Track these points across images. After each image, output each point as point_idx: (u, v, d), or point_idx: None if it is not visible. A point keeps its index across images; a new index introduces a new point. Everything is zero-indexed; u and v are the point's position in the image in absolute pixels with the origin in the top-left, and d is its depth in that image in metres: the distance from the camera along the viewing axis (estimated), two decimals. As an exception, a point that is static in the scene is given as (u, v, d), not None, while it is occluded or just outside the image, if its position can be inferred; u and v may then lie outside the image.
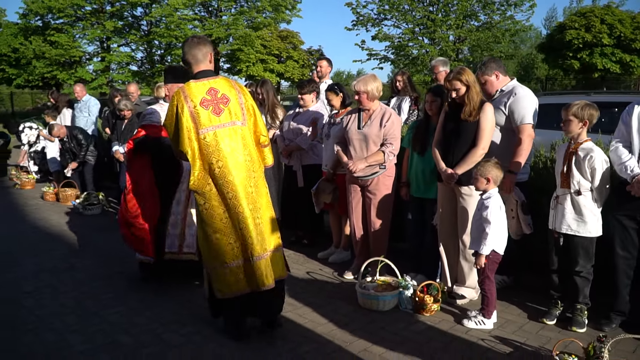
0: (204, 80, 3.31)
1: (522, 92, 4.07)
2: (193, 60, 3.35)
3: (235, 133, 3.28)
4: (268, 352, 3.22)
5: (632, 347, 3.25)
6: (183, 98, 3.21)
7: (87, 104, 8.82)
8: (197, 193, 3.27)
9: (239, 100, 3.34)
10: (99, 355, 3.15)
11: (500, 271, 4.34)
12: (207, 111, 3.22)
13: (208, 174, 3.23)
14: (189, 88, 3.26)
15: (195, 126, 3.20)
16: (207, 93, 3.25)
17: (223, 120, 3.25)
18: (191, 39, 3.41)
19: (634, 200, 3.36)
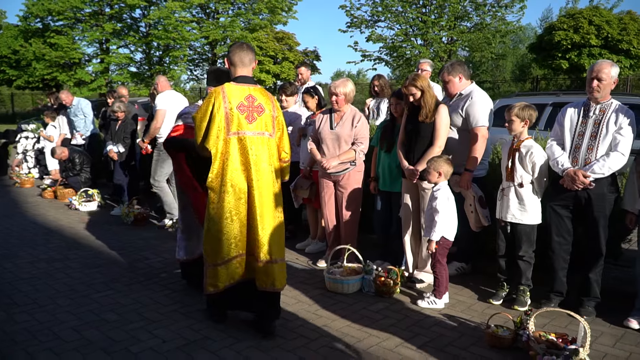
0: (244, 85, 3.42)
1: (478, 96, 4.44)
2: (240, 63, 3.44)
3: (262, 143, 3.40)
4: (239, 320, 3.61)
5: (565, 321, 3.64)
6: (222, 97, 3.29)
7: (78, 107, 9.05)
8: (211, 190, 3.37)
9: (273, 113, 3.48)
10: (88, 330, 3.53)
11: (459, 259, 4.76)
12: (242, 115, 3.32)
13: (227, 175, 3.31)
14: (229, 90, 3.34)
15: (227, 127, 3.29)
16: (245, 98, 3.36)
17: (254, 128, 3.37)
18: (241, 43, 3.54)
19: (566, 192, 3.75)
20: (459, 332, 3.55)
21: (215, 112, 3.28)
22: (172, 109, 6.37)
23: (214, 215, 3.36)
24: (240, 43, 3.53)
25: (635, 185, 3.66)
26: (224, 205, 3.33)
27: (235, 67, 3.48)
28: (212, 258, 3.41)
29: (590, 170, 3.63)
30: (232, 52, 3.47)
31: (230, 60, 3.48)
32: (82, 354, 3.19)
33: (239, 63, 3.46)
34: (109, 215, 7.20)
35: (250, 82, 3.46)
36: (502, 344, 3.26)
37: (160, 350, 3.25)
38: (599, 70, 3.67)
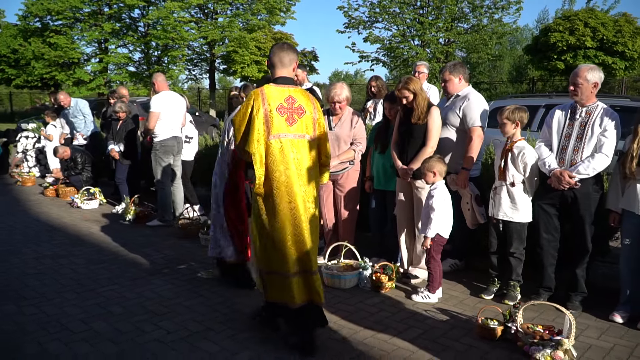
0: (284, 86, 3.28)
1: (474, 98, 4.61)
2: (279, 63, 3.31)
3: (303, 146, 3.26)
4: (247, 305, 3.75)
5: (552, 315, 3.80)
6: (260, 99, 3.17)
7: (77, 108, 9.16)
8: (259, 197, 3.24)
9: (314, 115, 3.32)
10: (95, 322, 3.68)
11: (453, 256, 4.91)
12: (281, 118, 3.19)
13: (273, 180, 3.19)
14: (268, 91, 3.22)
15: (267, 130, 3.16)
16: (285, 100, 3.23)
17: (294, 131, 3.23)
18: (282, 44, 3.39)
19: (553, 191, 3.91)
20: (451, 324, 3.71)
21: (254, 115, 3.16)
22: (167, 111, 6.49)
23: (263, 222, 3.25)
24: (281, 43, 3.40)
25: (619, 185, 3.82)
26: (274, 212, 3.20)
27: (274, 68, 3.34)
28: (264, 265, 3.32)
29: (575, 171, 3.79)
30: (272, 52, 3.34)
31: (270, 60, 3.35)
32: (90, 344, 3.34)
33: (279, 63, 3.32)
34: (110, 213, 7.34)
35: (290, 83, 3.33)
36: (492, 336, 3.42)
37: (165, 340, 3.40)
38: (575, 75, 3.87)
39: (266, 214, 3.24)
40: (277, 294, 3.31)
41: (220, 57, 28.14)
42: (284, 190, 3.18)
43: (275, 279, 3.29)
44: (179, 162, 6.83)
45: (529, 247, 4.16)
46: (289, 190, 3.19)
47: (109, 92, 8.91)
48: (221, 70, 29.71)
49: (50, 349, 3.27)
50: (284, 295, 3.26)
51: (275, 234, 3.22)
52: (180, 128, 6.75)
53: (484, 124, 4.57)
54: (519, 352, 3.24)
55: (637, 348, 3.37)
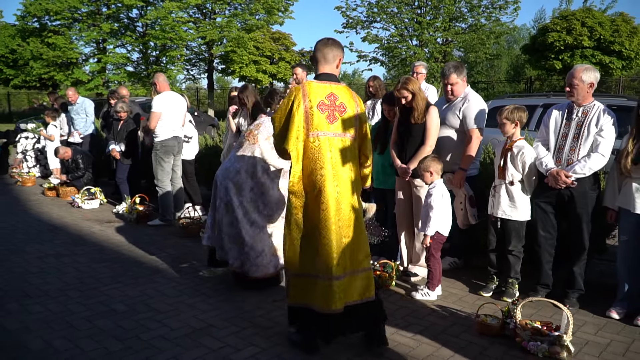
0: (326, 83, 3.18)
1: (474, 99, 4.66)
2: (322, 59, 3.21)
3: (343, 145, 3.15)
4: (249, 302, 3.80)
5: (550, 312, 3.86)
6: (302, 96, 3.07)
7: (82, 106, 9.25)
8: (293, 195, 3.15)
9: (356, 113, 3.21)
10: (99, 320, 3.72)
11: (452, 254, 4.97)
12: (322, 115, 3.09)
13: (309, 179, 3.10)
14: (310, 87, 3.12)
15: (307, 127, 3.07)
16: (326, 97, 3.12)
17: (334, 129, 3.12)
18: (326, 39, 3.27)
19: (550, 189, 3.97)
20: (450, 321, 3.76)
21: (294, 111, 3.05)
22: (168, 111, 6.53)
23: (296, 221, 3.15)
24: (325, 39, 3.27)
25: (616, 183, 3.88)
26: (307, 210, 3.12)
27: (317, 64, 3.24)
28: (293, 267, 3.21)
29: (572, 170, 3.85)
30: (315, 48, 3.24)
31: (313, 56, 3.26)
32: (95, 341, 3.38)
33: (322, 59, 3.22)
34: (111, 213, 7.38)
35: (333, 80, 3.21)
36: (491, 332, 3.47)
37: (169, 337, 3.45)
38: (570, 76, 3.93)
39: (300, 213, 3.15)
40: (301, 296, 3.19)
41: (218, 57, 28.20)
42: (318, 190, 3.08)
43: (302, 282, 3.18)
44: (179, 162, 6.88)
45: (527, 245, 4.22)
46: (322, 191, 3.07)
47: (109, 93, 8.95)
48: (219, 70, 29.79)
49: (55, 346, 3.31)
50: (308, 298, 3.15)
51: (307, 235, 3.13)
52: (180, 128, 6.80)
53: (483, 125, 4.62)
54: (517, 348, 3.30)
55: (633, 344, 3.43)
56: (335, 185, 3.09)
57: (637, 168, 3.65)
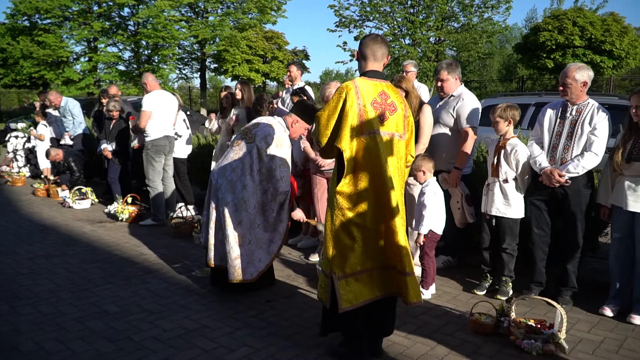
0: (377, 80, 3.08)
1: (468, 98, 4.66)
2: (372, 56, 3.10)
3: (393, 144, 3.07)
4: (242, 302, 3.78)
5: (544, 310, 3.86)
6: (354, 93, 2.96)
7: (67, 108, 9.05)
8: (342, 196, 2.99)
9: (405, 112, 3.14)
10: (91, 321, 3.68)
11: (446, 252, 4.97)
12: (375, 113, 2.99)
13: (362, 179, 2.99)
14: (362, 85, 3.01)
15: (360, 125, 2.96)
16: (379, 95, 3.03)
17: (385, 128, 3.02)
18: (375, 36, 3.18)
19: (544, 187, 3.98)
20: (444, 320, 3.76)
21: (347, 109, 2.93)
22: (158, 110, 6.48)
23: (344, 222, 3.00)
24: (374, 35, 3.19)
25: (609, 181, 3.88)
26: (357, 210, 3.00)
27: (366, 61, 3.12)
28: (343, 269, 3.02)
29: (565, 169, 3.86)
30: (364, 44, 3.12)
31: (361, 52, 3.13)
32: (87, 342, 3.34)
33: (371, 56, 3.10)
34: (102, 213, 7.33)
35: (382, 78, 3.12)
36: (485, 330, 3.47)
37: (162, 338, 3.42)
38: (564, 75, 3.93)
39: (351, 213, 2.99)
40: (357, 295, 3.01)
41: (211, 56, 28.12)
42: (371, 191, 2.97)
43: (353, 281, 3.02)
44: (170, 162, 6.83)
45: (520, 243, 4.22)
46: (376, 191, 2.97)
47: (100, 92, 8.87)
48: (212, 69, 29.69)
49: (46, 348, 3.27)
50: (365, 294, 3.03)
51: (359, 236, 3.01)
52: (172, 127, 6.75)
53: (477, 124, 4.63)
54: (511, 346, 3.29)
55: (626, 341, 3.44)
56: (388, 185, 2.99)
57: (629, 166, 3.66)
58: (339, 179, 3.00)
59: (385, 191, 2.98)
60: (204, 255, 4.51)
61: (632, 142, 3.70)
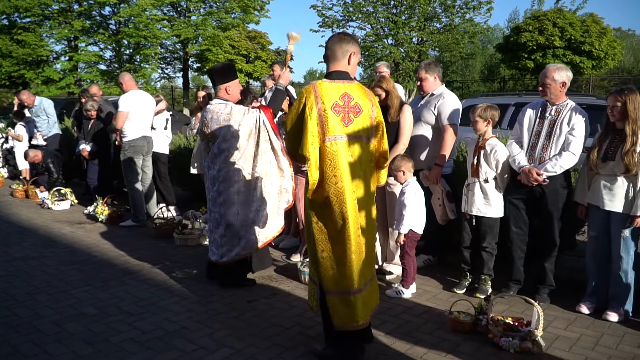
0: (339, 82, 2.97)
1: (449, 97, 4.71)
2: (332, 56, 3.01)
3: (360, 148, 2.98)
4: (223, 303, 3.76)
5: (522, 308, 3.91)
6: (314, 98, 2.86)
7: (41, 107, 8.91)
8: (312, 204, 2.96)
9: (371, 113, 3.01)
10: (68, 324, 3.63)
11: (426, 251, 5.00)
12: (337, 117, 2.88)
13: (327, 186, 2.89)
14: (322, 88, 2.90)
15: (322, 131, 2.86)
16: (340, 98, 2.91)
17: (349, 131, 2.93)
18: (336, 35, 3.08)
19: (522, 186, 4.03)
20: (424, 318, 3.78)
21: (307, 115, 2.84)
22: (136, 110, 6.42)
23: (318, 232, 2.97)
24: (335, 35, 3.08)
25: (586, 180, 3.94)
26: (326, 220, 2.94)
27: (328, 62, 3.04)
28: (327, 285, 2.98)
29: (543, 169, 3.91)
30: (326, 45, 3.06)
31: (324, 54, 3.07)
32: (64, 345, 3.30)
33: (331, 57, 3.01)
34: (82, 214, 7.24)
35: (345, 78, 3.00)
36: (464, 329, 3.50)
37: (141, 340, 3.39)
38: (543, 75, 3.99)
39: (321, 223, 2.96)
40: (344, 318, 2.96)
41: (193, 55, 27.93)
42: (336, 197, 2.89)
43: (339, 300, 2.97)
44: (149, 162, 6.76)
45: (499, 242, 4.26)
46: (340, 197, 2.89)
47: (80, 91, 8.75)
48: (195, 69, 29.50)
49: (22, 351, 3.22)
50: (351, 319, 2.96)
51: (331, 246, 2.96)
52: (149, 128, 6.68)
53: (458, 122, 4.67)
54: (489, 344, 3.33)
55: (602, 338, 3.49)
56: (353, 191, 2.93)
57: (605, 165, 3.72)
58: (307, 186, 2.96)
59: (346, 199, 2.89)
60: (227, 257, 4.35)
61: (608, 142, 3.76)
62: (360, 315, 2.96)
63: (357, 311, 2.95)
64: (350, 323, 2.96)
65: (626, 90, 3.67)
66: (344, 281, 2.94)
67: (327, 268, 2.97)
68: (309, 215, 3.00)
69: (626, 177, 3.67)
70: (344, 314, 2.96)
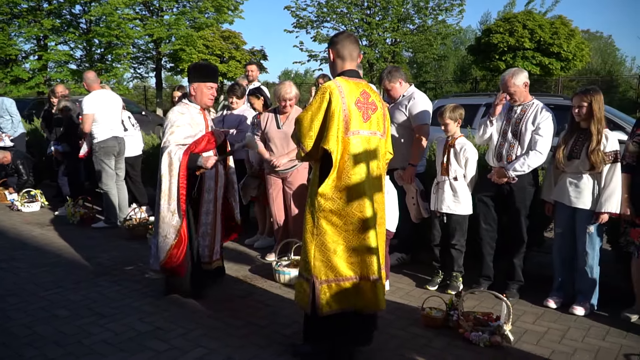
0: (357, 80, 3.08)
1: (419, 97, 4.78)
2: (348, 56, 3.09)
3: (376, 144, 3.08)
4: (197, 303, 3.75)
5: (492, 303, 4.00)
6: (338, 93, 2.93)
7: (2, 107, 8.64)
8: (324, 198, 2.95)
9: (383, 110, 3.15)
10: (39, 326, 3.59)
11: (400, 250, 5.07)
12: (359, 113, 2.99)
13: (347, 180, 2.94)
14: (344, 84, 2.98)
15: (346, 126, 2.93)
16: (361, 94, 3.03)
17: (368, 128, 3.03)
18: (348, 34, 3.18)
19: (491, 185, 4.15)
20: (397, 315, 3.84)
21: (333, 110, 2.90)
22: (102, 111, 6.33)
23: (328, 225, 2.97)
24: (347, 34, 3.19)
25: (552, 178, 4.06)
26: (341, 213, 2.96)
27: (344, 60, 3.11)
28: (327, 274, 3.00)
29: (512, 168, 4.01)
30: (339, 42, 3.10)
31: (338, 52, 3.10)
32: (35, 348, 3.26)
33: (348, 56, 3.10)
34: (53, 216, 7.13)
35: (360, 77, 3.13)
36: (435, 324, 3.57)
37: (113, 342, 3.37)
38: (504, 85, 4.11)
39: (335, 216, 2.96)
40: (340, 301, 3.02)
41: (166, 55, 27.63)
42: (357, 191, 2.95)
43: (337, 286, 3.02)
44: (122, 164, 6.68)
45: (469, 238, 4.36)
46: (359, 192, 2.95)
47: (49, 91, 8.57)
48: (168, 68, 29.19)
49: (-9, 355, 3.18)
50: (344, 301, 3.02)
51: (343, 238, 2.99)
52: (120, 127, 6.59)
53: (429, 122, 4.75)
54: (460, 339, 3.41)
55: (569, 331, 3.60)
56: (370, 186, 3.02)
57: (570, 163, 3.84)
58: (321, 180, 2.96)
59: (369, 192, 2.98)
60: None
61: (573, 141, 3.88)
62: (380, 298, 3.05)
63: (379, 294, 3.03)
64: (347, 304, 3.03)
65: (591, 91, 3.79)
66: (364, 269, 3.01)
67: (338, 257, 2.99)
68: (318, 209, 2.97)
69: (591, 175, 3.80)
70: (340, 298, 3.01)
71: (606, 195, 3.72)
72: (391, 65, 5.08)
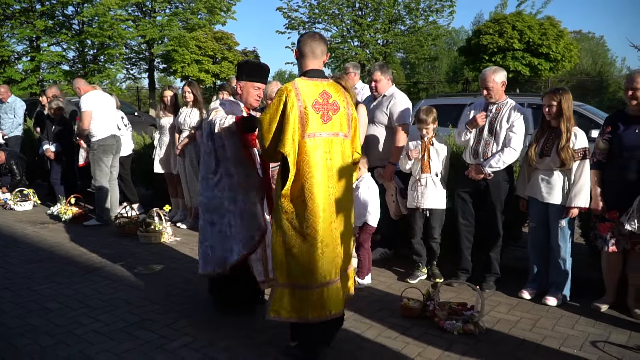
0: (318, 80, 3.02)
1: (400, 97, 4.96)
2: (311, 54, 3.03)
3: (338, 145, 3.03)
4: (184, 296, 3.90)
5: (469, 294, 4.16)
6: (294, 95, 2.89)
7: (12, 106, 8.84)
8: (286, 199, 2.95)
9: (347, 111, 3.08)
10: (31, 318, 3.72)
11: (383, 245, 5.23)
12: (317, 115, 2.93)
13: (306, 183, 2.92)
14: (302, 85, 2.94)
15: (302, 128, 2.89)
16: (320, 95, 2.97)
17: (329, 129, 2.98)
18: (313, 33, 3.13)
19: (469, 181, 4.32)
20: (377, 307, 4.00)
21: (288, 112, 2.86)
22: (99, 109, 6.47)
23: (292, 229, 2.97)
24: (312, 32, 3.17)
25: (526, 174, 4.23)
26: (302, 217, 2.94)
27: (305, 59, 3.05)
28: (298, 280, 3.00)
29: (488, 164, 4.18)
30: (302, 41, 3.06)
31: (300, 50, 3.06)
32: (28, 338, 3.40)
33: (310, 54, 3.03)
34: (45, 215, 7.24)
35: (322, 77, 3.07)
36: (413, 314, 3.73)
37: (103, 332, 3.51)
38: (484, 80, 4.27)
39: (295, 218, 2.96)
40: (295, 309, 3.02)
41: (159, 56, 27.69)
42: (314, 193, 2.92)
43: (296, 293, 3.01)
44: (116, 163, 6.82)
45: (448, 232, 4.53)
46: (317, 194, 2.92)
47: (40, 92, 8.67)
48: (161, 69, 29.26)
49: (-15, 344, 3.31)
50: (303, 311, 3.00)
51: (302, 241, 2.96)
52: (116, 126, 6.74)
53: (409, 122, 4.92)
54: (435, 327, 3.57)
55: (540, 320, 3.77)
56: (331, 187, 2.99)
57: (542, 160, 4.01)
58: (284, 182, 2.96)
59: (330, 194, 2.97)
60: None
61: (544, 139, 4.05)
62: (332, 305, 3.03)
63: (329, 302, 3.01)
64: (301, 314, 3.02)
65: (560, 91, 3.97)
66: (312, 275, 2.97)
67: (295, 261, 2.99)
68: (281, 210, 2.98)
69: (562, 171, 3.97)
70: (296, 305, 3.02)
71: (575, 191, 3.89)
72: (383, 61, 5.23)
